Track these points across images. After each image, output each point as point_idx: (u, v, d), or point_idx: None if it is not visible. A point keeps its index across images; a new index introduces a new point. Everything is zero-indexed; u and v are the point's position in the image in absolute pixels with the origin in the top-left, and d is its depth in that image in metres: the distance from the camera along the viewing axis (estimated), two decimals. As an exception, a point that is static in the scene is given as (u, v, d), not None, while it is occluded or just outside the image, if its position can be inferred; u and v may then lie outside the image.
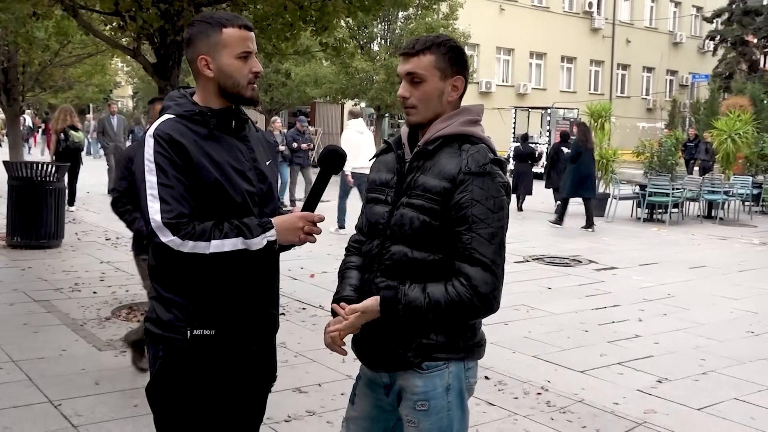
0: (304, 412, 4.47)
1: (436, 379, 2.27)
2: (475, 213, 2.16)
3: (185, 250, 2.22)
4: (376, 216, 2.36)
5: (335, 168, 2.42)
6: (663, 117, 38.06)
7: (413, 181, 2.27)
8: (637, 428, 4.46)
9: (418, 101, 2.28)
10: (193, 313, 2.32)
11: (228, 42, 2.33)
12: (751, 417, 4.71)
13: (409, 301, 2.20)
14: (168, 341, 2.34)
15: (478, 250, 2.16)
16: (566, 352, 5.93)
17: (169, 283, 2.34)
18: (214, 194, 2.29)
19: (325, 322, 2.35)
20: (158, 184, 2.23)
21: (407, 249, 2.25)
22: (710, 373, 5.57)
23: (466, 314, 2.20)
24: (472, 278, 2.16)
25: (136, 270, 8.37)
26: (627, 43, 39.85)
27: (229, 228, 2.26)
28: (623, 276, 9.42)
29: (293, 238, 2.34)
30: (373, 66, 21.15)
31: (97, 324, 6.22)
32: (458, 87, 2.30)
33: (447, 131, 2.27)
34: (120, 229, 11.62)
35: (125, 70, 35.23)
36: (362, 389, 2.51)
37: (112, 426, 4.16)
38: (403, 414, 2.34)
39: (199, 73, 2.37)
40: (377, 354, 2.35)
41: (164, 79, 6.31)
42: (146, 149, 2.27)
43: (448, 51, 2.28)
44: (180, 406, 2.37)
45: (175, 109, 2.36)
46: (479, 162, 2.19)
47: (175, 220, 2.22)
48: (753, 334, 6.78)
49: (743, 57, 37.54)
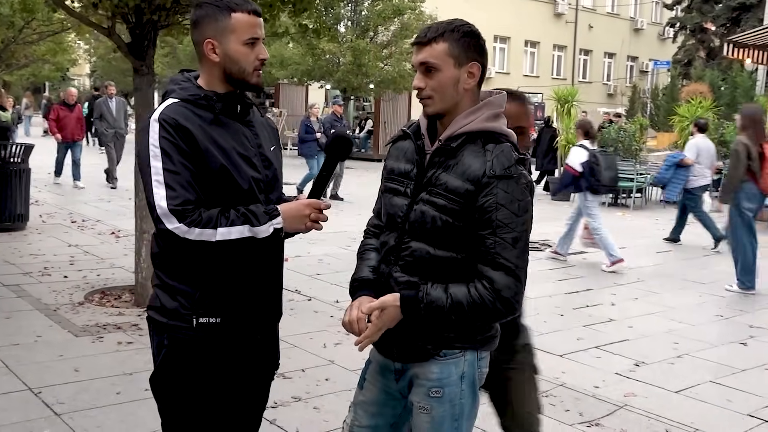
0: (290, 398, 4.45)
1: (451, 366, 2.27)
2: (500, 218, 2.13)
3: (191, 238, 2.18)
4: (395, 208, 2.32)
5: (342, 154, 2.40)
6: (623, 103, 38.48)
7: (435, 177, 2.21)
8: (619, 411, 4.54)
9: (433, 91, 2.21)
10: (198, 301, 2.29)
11: (236, 27, 2.28)
12: (728, 399, 4.82)
13: (431, 300, 2.17)
14: (173, 329, 2.30)
15: (502, 255, 2.13)
16: (544, 336, 5.99)
17: (173, 271, 2.31)
18: (220, 181, 2.25)
19: (303, 306, 2.32)
20: (164, 170, 2.18)
21: (429, 247, 2.22)
22: (685, 357, 5.68)
23: (487, 317, 2.19)
24: (495, 282, 2.13)
25: (105, 254, 8.27)
26: (589, 29, 40.18)
27: (236, 215, 2.22)
28: (593, 260, 9.55)
29: (300, 226, 2.31)
30: (339, 48, 20.97)
31: (70, 309, 6.10)
32: (474, 74, 2.22)
33: (470, 128, 2.21)
34: (86, 212, 11.46)
35: (83, 48, 34.41)
36: (372, 374, 2.49)
37: (96, 414, 4.09)
38: (415, 400, 2.33)
39: (205, 56, 2.32)
40: (395, 345, 2.33)
41: (139, 59, 6.16)
42: (151, 134, 2.20)
43: (462, 36, 2.20)
44: (186, 395, 2.34)
45: (180, 93, 2.30)
46: (504, 165, 2.14)
47: (181, 207, 2.17)
48: (722, 317, 6.94)
49: (702, 44, 38.09)
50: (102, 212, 11.56)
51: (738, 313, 7.06)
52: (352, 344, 2.31)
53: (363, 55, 20.70)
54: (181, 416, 2.37)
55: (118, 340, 5.37)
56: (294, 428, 4.05)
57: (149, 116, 2.26)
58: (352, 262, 2.52)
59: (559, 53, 39.90)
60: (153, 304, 2.37)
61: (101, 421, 4.00)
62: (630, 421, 4.38)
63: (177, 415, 2.38)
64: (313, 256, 8.48)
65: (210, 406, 2.37)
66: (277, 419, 4.11)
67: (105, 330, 5.58)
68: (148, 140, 2.22)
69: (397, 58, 21.95)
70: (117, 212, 11.56)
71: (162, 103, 2.32)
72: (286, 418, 4.14)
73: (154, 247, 2.37)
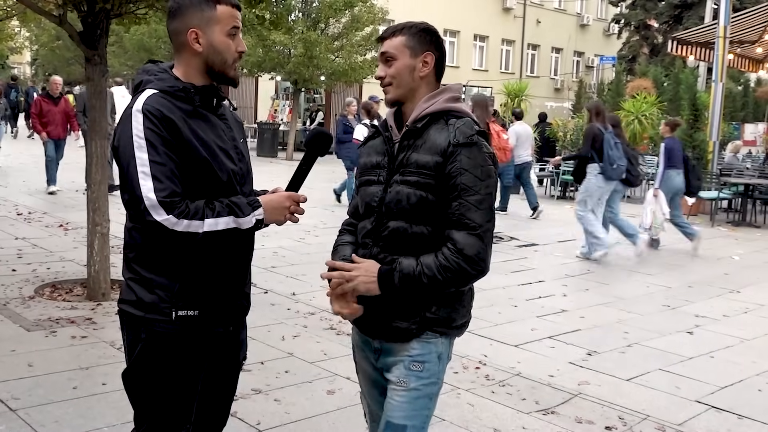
0: (250, 390, 4.45)
1: (431, 345, 2.36)
2: (464, 181, 2.26)
3: (179, 229, 2.17)
4: (370, 196, 2.42)
5: (322, 149, 2.44)
6: (570, 97, 39.09)
7: (405, 159, 2.35)
8: (574, 399, 4.65)
9: (392, 78, 2.40)
10: (178, 294, 2.28)
11: (221, 18, 2.28)
12: (676, 386, 4.98)
13: (401, 269, 2.28)
14: (151, 323, 2.29)
15: (466, 216, 2.25)
16: (499, 327, 6.10)
17: (152, 264, 2.29)
18: (201, 173, 2.25)
19: (259, 299, 2.33)
20: (150, 161, 2.15)
21: (406, 224, 2.32)
22: (635, 346, 5.84)
23: (457, 279, 2.27)
24: (457, 242, 2.25)
25: (54, 247, 8.08)
26: (537, 24, 40.71)
27: (221, 206, 2.23)
28: (544, 252, 9.72)
29: (279, 217, 2.33)
30: (290, 39, 20.79)
31: (21, 303, 5.96)
32: (428, 63, 2.40)
33: (433, 109, 2.37)
34: (32, 204, 11.18)
35: (25, 36, 33.43)
36: (359, 355, 2.58)
37: (53, 409, 4.02)
38: (392, 378, 2.39)
39: (186, 46, 2.30)
40: (377, 324, 2.40)
41: (92, 48, 6.03)
42: (134, 124, 2.18)
43: (418, 32, 2.41)
44: (163, 387, 2.33)
45: (158, 84, 2.27)
46: (466, 134, 2.30)
47: (169, 199, 2.15)
48: (669, 307, 7.14)
49: (646, 40, 38.94)
50: (48, 204, 11.30)
51: (684, 303, 7.28)
52: (310, 337, 2.35)
53: (314, 46, 20.56)
54: (157, 409, 2.36)
55: (72, 334, 5.27)
56: (255, 420, 4.05)
57: (130, 106, 2.23)
58: (307, 255, 2.58)
59: (507, 47, 40.32)
60: (127, 297, 2.34)
61: (58, 416, 3.93)
62: (584, 409, 4.49)
63: (153, 408, 2.36)
64: (268, 249, 8.44)
65: (186, 397, 2.37)
66: (238, 412, 4.09)
67: (58, 324, 5.47)
68: (130, 131, 2.18)
69: (348, 51, 21.88)
70: (64, 204, 11.31)
71: (139, 94, 2.27)
72: (247, 411, 4.14)
73: (128, 239, 2.34)
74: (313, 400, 4.39)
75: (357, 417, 4.15)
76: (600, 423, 4.29)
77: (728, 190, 13.62)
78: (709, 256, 9.93)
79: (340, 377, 4.75)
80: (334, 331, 5.69)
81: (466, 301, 2.44)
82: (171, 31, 2.32)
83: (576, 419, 4.32)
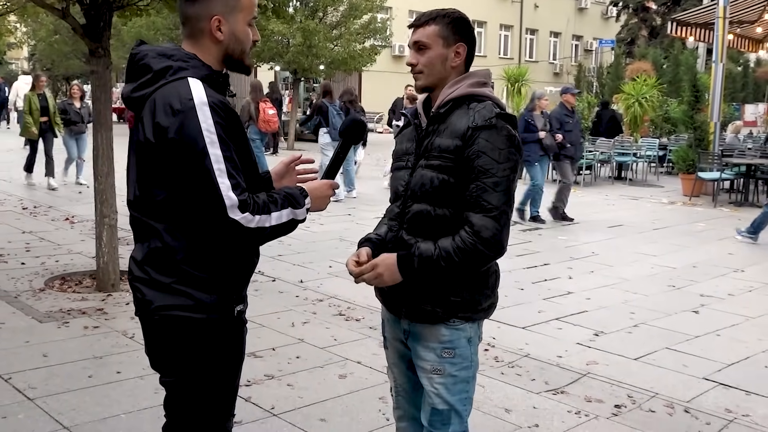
0: (263, 376, 4.50)
1: (460, 331, 2.42)
2: (481, 164, 2.29)
3: (252, 226, 2.07)
4: (399, 181, 2.50)
5: (356, 138, 2.47)
6: (569, 81, 39.07)
7: (430, 144, 2.40)
8: (582, 378, 4.71)
9: (424, 67, 2.43)
10: (236, 290, 2.24)
11: (244, 6, 2.21)
12: (683, 364, 5.03)
13: (420, 252, 2.32)
14: (213, 324, 2.18)
15: (483, 197, 2.28)
16: (506, 309, 6.14)
17: (206, 263, 2.15)
18: (247, 164, 2.18)
19: (267, 287, 2.34)
20: (224, 158, 2.04)
21: (430, 207, 2.37)
22: (641, 326, 5.89)
23: (474, 260, 2.31)
24: (474, 224, 2.29)
25: (62, 240, 8.12)
26: (535, 8, 40.62)
27: (280, 198, 2.15)
28: (548, 236, 9.77)
29: (322, 206, 2.31)
30: (289, 29, 20.76)
31: (31, 296, 6.02)
32: (461, 53, 2.44)
33: (456, 93, 2.41)
34: (37, 198, 11.23)
35: (23, 31, 33.37)
36: (389, 331, 2.63)
37: (69, 397, 4.08)
38: (426, 365, 2.45)
39: (206, 33, 2.18)
40: (405, 305, 2.45)
41: (95, 41, 6.05)
42: (202, 118, 2.03)
43: (451, 21, 2.43)
44: (223, 385, 2.29)
45: (195, 72, 2.13)
46: (485, 117, 2.32)
47: (244, 196, 2.06)
48: (674, 287, 7.19)
49: (644, 23, 38.89)
50: (53, 198, 11.34)
51: (689, 284, 7.32)
52: (320, 323, 2.39)
53: (313, 35, 20.55)
54: (212, 407, 2.30)
55: (84, 324, 5.33)
56: (270, 405, 4.10)
57: (188, 98, 2.05)
58: (313, 243, 2.62)
59: (505, 33, 40.25)
60: (176, 302, 2.14)
61: (76, 405, 3.98)
62: (593, 388, 4.54)
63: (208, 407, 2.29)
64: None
65: (235, 389, 2.38)
66: (252, 397, 4.16)
67: (69, 315, 5.53)
68: (198, 125, 2.02)
69: (347, 39, 21.87)
70: (68, 198, 11.36)
71: (179, 82, 2.09)
72: (261, 396, 4.19)
73: (171, 241, 2.13)
74: (326, 385, 4.45)
75: (370, 400, 4.22)
76: (609, 401, 4.34)
77: (730, 171, 13.65)
78: (713, 236, 9.97)
79: (351, 362, 4.80)
80: (342, 317, 5.74)
81: (491, 283, 2.47)
82: (190, 16, 2.19)
83: (585, 398, 4.37)
